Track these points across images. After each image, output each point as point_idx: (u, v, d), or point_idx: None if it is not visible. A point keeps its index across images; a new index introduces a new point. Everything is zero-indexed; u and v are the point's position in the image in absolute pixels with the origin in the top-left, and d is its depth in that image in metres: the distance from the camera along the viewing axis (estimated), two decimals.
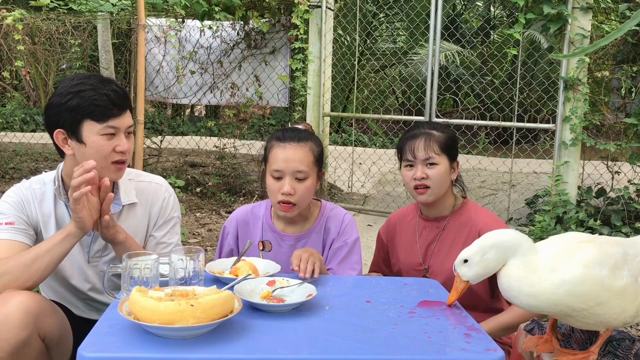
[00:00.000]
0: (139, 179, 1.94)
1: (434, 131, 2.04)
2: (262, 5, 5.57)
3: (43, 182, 1.85)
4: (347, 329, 1.36)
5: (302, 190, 1.90)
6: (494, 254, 1.46)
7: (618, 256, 1.44)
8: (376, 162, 6.33)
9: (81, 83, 1.72)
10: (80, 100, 1.69)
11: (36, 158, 7.37)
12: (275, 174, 1.90)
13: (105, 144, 1.73)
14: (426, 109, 5.13)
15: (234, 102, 6.20)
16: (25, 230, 1.77)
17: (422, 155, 2.00)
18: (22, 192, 1.81)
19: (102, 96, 1.70)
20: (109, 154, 1.74)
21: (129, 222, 1.88)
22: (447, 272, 2.00)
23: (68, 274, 1.86)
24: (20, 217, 1.77)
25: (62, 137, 1.76)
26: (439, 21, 4.96)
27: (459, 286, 1.52)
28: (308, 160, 1.91)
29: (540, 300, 1.39)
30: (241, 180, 6.00)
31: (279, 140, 1.93)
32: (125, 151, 1.76)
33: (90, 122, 1.71)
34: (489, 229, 1.96)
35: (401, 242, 2.17)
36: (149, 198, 1.92)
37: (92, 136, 1.71)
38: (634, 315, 1.44)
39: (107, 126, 1.72)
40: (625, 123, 4.55)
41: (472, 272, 1.49)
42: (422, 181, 2.00)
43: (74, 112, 1.70)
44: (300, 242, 2.00)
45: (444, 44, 9.21)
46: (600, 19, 5.09)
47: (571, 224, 4.26)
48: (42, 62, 6.56)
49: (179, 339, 1.25)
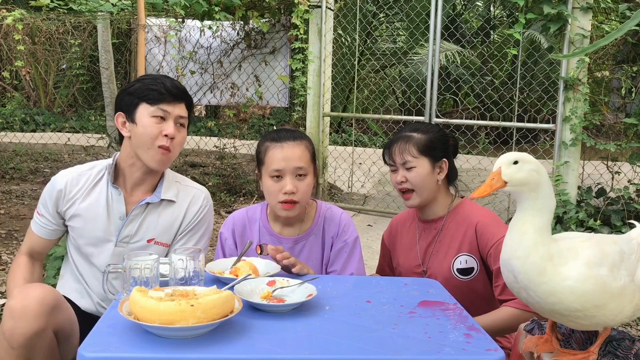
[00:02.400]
0: (184, 183, 2.02)
1: (414, 134, 2.02)
2: (262, 5, 5.57)
3: (93, 166, 1.96)
4: (347, 329, 1.36)
5: (304, 188, 1.90)
6: (535, 177, 1.41)
7: (616, 255, 1.43)
8: (376, 162, 6.33)
9: (147, 75, 1.94)
10: (139, 85, 1.86)
11: (36, 158, 7.37)
12: (275, 173, 1.88)
13: (154, 126, 1.83)
14: (426, 109, 5.13)
15: (234, 102, 6.21)
16: (50, 224, 1.93)
17: (399, 160, 2.01)
18: (58, 182, 1.91)
19: (159, 83, 1.85)
20: (156, 137, 1.83)
21: (162, 218, 1.93)
22: (445, 273, 2.00)
23: (89, 251, 1.92)
24: (49, 212, 1.91)
25: (121, 120, 1.89)
26: (439, 21, 4.96)
27: (495, 184, 1.41)
28: (306, 158, 1.91)
29: (533, 281, 1.37)
30: (241, 180, 6.01)
31: (275, 140, 1.92)
32: (171, 136, 1.84)
33: (144, 105, 1.84)
34: (484, 224, 1.97)
35: (402, 245, 2.17)
36: (189, 200, 1.98)
37: (144, 117, 1.84)
38: (630, 315, 1.43)
39: (158, 108, 1.83)
40: (625, 123, 4.56)
41: (517, 175, 1.40)
42: (402, 185, 2.01)
43: (132, 95, 1.86)
44: (298, 244, 1.99)
45: (444, 44, 9.22)
46: (600, 19, 5.10)
47: (571, 224, 4.27)
48: (42, 62, 6.57)
49: (179, 339, 1.25)
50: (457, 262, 2.00)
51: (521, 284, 1.41)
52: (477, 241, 1.98)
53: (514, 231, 1.42)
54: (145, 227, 1.92)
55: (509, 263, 1.42)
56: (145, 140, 1.84)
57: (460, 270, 2.00)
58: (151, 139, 1.84)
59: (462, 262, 2.00)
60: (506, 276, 1.47)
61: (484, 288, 2.02)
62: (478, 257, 1.99)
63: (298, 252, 1.98)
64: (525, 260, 1.38)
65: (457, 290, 1.88)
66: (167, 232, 1.94)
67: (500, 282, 1.90)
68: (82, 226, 1.90)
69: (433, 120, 5.10)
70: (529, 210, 1.42)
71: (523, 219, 1.42)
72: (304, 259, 1.98)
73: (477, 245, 1.98)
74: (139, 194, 1.94)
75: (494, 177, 1.42)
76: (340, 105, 10.14)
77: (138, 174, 1.91)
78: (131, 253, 1.53)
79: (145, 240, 1.92)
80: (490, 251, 1.93)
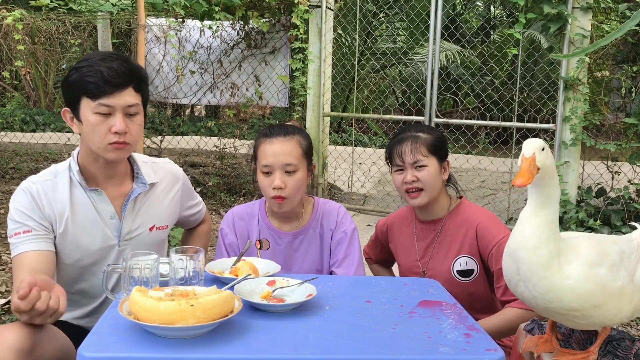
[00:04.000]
0: (151, 161, 1.95)
1: (420, 133, 2.02)
2: (262, 5, 5.57)
3: (54, 173, 1.77)
4: (347, 329, 1.36)
5: (293, 184, 1.91)
6: (554, 165, 1.42)
7: (615, 255, 1.43)
8: (376, 162, 6.33)
9: (86, 59, 1.66)
10: (77, 76, 1.64)
11: (36, 158, 7.37)
12: (264, 169, 1.92)
13: (101, 124, 1.64)
14: (426, 109, 5.13)
15: (234, 102, 6.21)
16: (45, 235, 1.69)
17: (410, 159, 1.99)
18: (31, 189, 1.71)
19: (96, 73, 1.62)
20: (104, 135, 1.65)
21: (155, 202, 1.89)
22: (445, 274, 2.00)
23: (91, 261, 1.79)
24: (36, 221, 1.68)
25: (69, 115, 1.72)
26: (439, 21, 4.96)
27: (533, 170, 1.37)
28: (296, 153, 1.92)
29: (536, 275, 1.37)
30: (241, 180, 6.00)
31: (266, 136, 1.95)
32: (121, 131, 1.65)
33: (85, 100, 1.65)
34: (485, 226, 1.96)
35: (400, 244, 2.17)
36: (170, 176, 1.95)
37: (88, 115, 1.65)
38: (629, 316, 1.43)
39: (100, 104, 1.63)
40: (625, 123, 4.55)
41: (547, 162, 1.40)
42: (413, 184, 1.99)
43: (71, 88, 1.66)
44: (297, 238, 2.02)
45: (444, 44, 9.22)
46: (600, 19, 5.09)
47: (571, 224, 4.27)
48: (42, 62, 6.58)
49: (179, 339, 1.25)
50: (457, 264, 2.00)
51: (522, 276, 1.40)
52: (478, 242, 1.98)
53: (526, 222, 1.41)
54: (144, 217, 1.86)
55: (516, 253, 1.41)
56: (95, 139, 1.66)
57: (460, 272, 2.00)
58: (100, 138, 1.66)
59: (462, 264, 1.99)
60: (508, 266, 1.46)
61: (484, 290, 2.02)
62: (478, 259, 1.99)
63: (297, 246, 2.01)
64: (534, 252, 1.37)
65: (457, 291, 1.88)
66: (164, 214, 1.91)
67: (502, 283, 1.89)
68: (75, 240, 1.75)
69: (433, 120, 5.11)
70: (541, 200, 1.41)
71: (536, 211, 1.41)
72: (303, 253, 2.01)
73: (477, 247, 1.98)
74: (118, 186, 1.82)
75: (530, 163, 1.38)
76: (340, 105, 10.14)
77: (105, 169, 1.78)
78: (131, 253, 1.53)
79: (148, 230, 1.87)
80: (491, 252, 1.93)
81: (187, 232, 2.24)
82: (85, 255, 1.78)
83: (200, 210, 2.16)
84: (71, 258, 1.78)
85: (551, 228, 1.40)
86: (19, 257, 1.64)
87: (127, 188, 1.84)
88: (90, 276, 1.84)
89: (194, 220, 2.17)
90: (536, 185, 1.41)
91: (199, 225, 2.21)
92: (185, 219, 2.12)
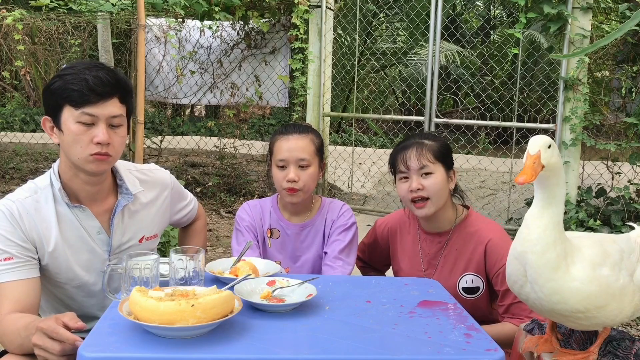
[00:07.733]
0: (137, 168, 1.90)
1: (425, 140, 1.97)
2: (262, 5, 5.57)
3: (34, 189, 1.68)
4: (347, 329, 1.36)
5: (306, 177, 2.05)
6: (561, 163, 1.39)
7: (616, 254, 1.43)
8: (376, 162, 6.32)
9: (70, 67, 1.61)
10: (60, 83, 1.59)
11: (36, 158, 7.37)
12: (280, 163, 2.05)
13: (83, 134, 1.59)
14: (426, 109, 5.13)
15: (234, 102, 6.21)
16: (28, 262, 1.60)
17: (415, 165, 1.91)
18: (11, 209, 1.62)
19: (81, 81, 1.57)
20: (86, 145, 1.59)
21: (142, 213, 1.84)
22: (451, 289, 1.94)
23: (83, 282, 1.74)
24: (18, 245, 1.59)
25: (49, 124, 1.66)
26: (439, 21, 4.96)
27: (537, 167, 1.35)
28: (310, 150, 2.06)
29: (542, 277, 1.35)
30: (241, 180, 6.01)
31: (282, 133, 2.10)
32: (104, 142, 1.60)
33: (68, 108, 1.59)
34: (495, 245, 1.91)
35: (402, 250, 2.13)
36: (157, 185, 1.91)
37: (70, 124, 1.59)
38: (630, 315, 1.43)
39: (83, 113, 1.58)
40: (625, 123, 4.56)
41: (552, 160, 1.38)
42: (418, 192, 1.90)
43: (54, 95, 1.60)
44: (304, 230, 2.15)
45: (444, 44, 9.22)
46: (600, 19, 5.10)
47: (571, 224, 4.27)
48: (42, 62, 6.56)
49: (179, 339, 1.25)
50: (463, 281, 1.97)
51: (529, 278, 1.40)
52: (485, 260, 1.94)
53: (532, 223, 1.40)
54: (133, 230, 1.82)
55: (524, 256, 1.39)
56: (75, 149, 1.59)
57: (465, 289, 1.97)
58: (81, 149, 1.59)
59: (468, 282, 1.96)
60: (513, 267, 1.44)
61: (486, 305, 2.00)
62: (484, 277, 1.96)
63: (304, 237, 2.16)
64: (542, 255, 1.36)
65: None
66: (153, 223, 1.88)
67: (505, 302, 1.89)
68: (67, 258, 1.68)
69: (433, 120, 5.11)
70: (547, 200, 1.39)
71: (541, 212, 1.40)
72: (309, 243, 2.16)
73: (484, 265, 1.95)
74: (102, 201, 1.75)
75: (535, 160, 1.35)
76: (340, 105, 10.14)
77: (88, 186, 1.70)
78: (131, 253, 1.53)
79: (137, 242, 1.83)
80: (498, 272, 1.90)
81: (183, 231, 2.22)
82: (77, 275, 1.72)
83: (192, 209, 2.14)
84: (64, 277, 1.72)
85: (557, 229, 1.39)
86: (0, 287, 1.56)
87: (111, 202, 1.78)
88: (85, 297, 1.79)
89: (187, 220, 2.16)
90: (542, 184, 1.40)
91: (194, 223, 2.20)
92: (178, 221, 2.11)
